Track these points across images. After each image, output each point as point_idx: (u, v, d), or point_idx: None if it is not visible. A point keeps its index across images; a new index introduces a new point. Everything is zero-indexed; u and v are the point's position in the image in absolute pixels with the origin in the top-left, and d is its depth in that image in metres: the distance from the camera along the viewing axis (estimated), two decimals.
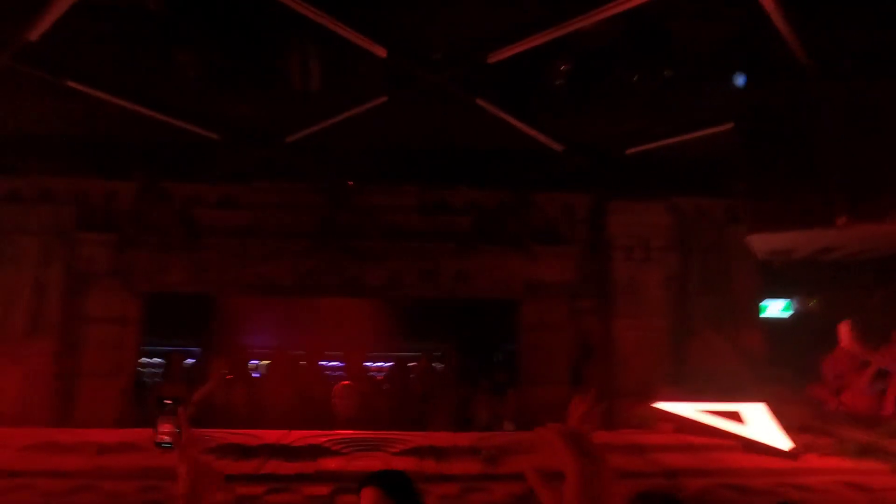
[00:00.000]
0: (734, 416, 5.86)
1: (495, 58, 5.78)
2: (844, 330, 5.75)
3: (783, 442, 5.45)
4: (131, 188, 7.38)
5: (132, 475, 4.67)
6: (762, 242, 6.30)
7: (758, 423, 5.69)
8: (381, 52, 5.74)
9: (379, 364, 9.34)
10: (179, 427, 2.20)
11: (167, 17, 5.40)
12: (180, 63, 5.91)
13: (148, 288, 7.35)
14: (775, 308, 7.96)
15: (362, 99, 6.46)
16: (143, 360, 8.46)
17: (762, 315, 7.79)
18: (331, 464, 5.22)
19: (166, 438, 2.26)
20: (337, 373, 8.23)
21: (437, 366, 8.47)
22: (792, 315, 7.89)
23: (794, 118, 5.55)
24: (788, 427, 5.58)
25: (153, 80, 6.22)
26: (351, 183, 7.53)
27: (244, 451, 5.19)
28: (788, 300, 7.87)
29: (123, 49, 5.78)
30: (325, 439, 5.58)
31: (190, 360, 7.93)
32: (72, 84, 6.10)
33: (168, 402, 2.31)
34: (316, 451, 5.39)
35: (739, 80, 5.54)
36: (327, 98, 6.41)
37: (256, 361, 8.45)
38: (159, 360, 8.71)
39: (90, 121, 6.68)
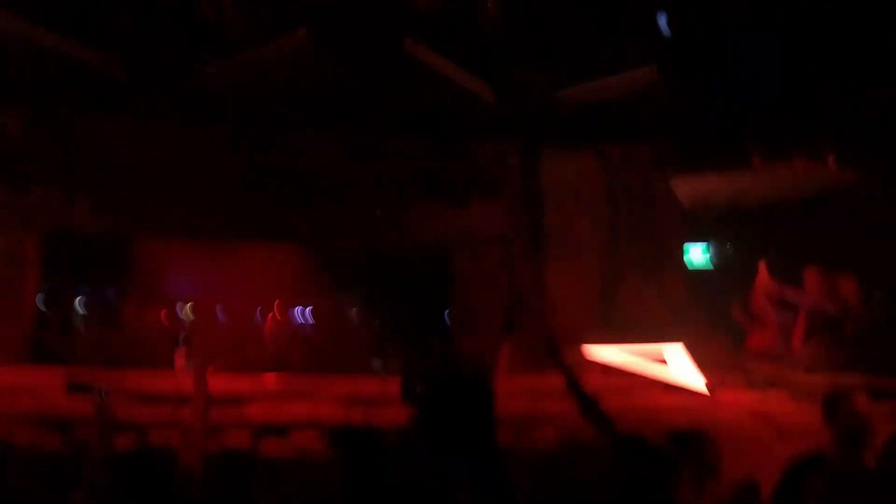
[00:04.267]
0: (655, 357, 6.02)
1: None
2: (761, 268, 5.94)
3: (699, 379, 5.63)
4: (22, 120, 6.78)
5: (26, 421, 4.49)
6: (685, 187, 6.40)
7: (677, 362, 5.85)
8: None
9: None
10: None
11: None
12: None
13: (49, 226, 6.91)
14: (696, 255, 8.15)
15: (282, 33, 6.17)
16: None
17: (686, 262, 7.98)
18: (254, 409, 5.16)
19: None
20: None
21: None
22: (711, 262, 8.10)
23: (713, 62, 5.60)
24: (704, 365, 5.77)
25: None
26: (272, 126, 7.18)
27: (160, 399, 5.06)
28: (706, 244, 8.05)
29: None
30: (250, 385, 5.51)
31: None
32: None
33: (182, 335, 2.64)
34: (241, 398, 5.30)
35: (661, 20, 5.53)
36: (245, 31, 6.10)
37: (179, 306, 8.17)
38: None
39: None
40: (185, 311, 8.13)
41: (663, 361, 6.00)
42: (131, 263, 7.37)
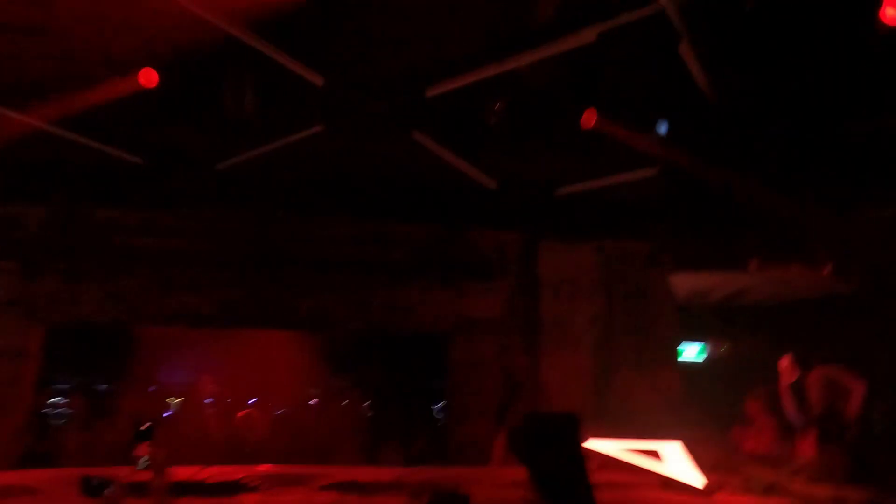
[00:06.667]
0: (652, 454, 5.97)
1: (432, 92, 5.86)
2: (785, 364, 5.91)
3: (697, 479, 5.58)
4: (39, 212, 6.98)
5: None
6: (681, 284, 6.52)
7: (674, 460, 5.81)
8: (318, 80, 5.74)
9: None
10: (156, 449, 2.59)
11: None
12: None
13: (56, 318, 6.93)
14: (690, 352, 8.24)
15: (297, 128, 6.40)
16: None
17: (679, 358, 8.05)
18: (249, 500, 5.01)
19: (144, 459, 2.70)
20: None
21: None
22: (706, 360, 8.18)
23: (712, 166, 5.84)
24: (702, 465, 5.73)
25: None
26: (280, 212, 7.37)
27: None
28: (702, 344, 8.17)
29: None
30: (242, 474, 5.36)
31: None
32: None
33: (145, 426, 2.72)
34: (232, 488, 5.16)
35: (662, 127, 5.79)
36: (261, 125, 6.32)
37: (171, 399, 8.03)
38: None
39: None
40: (174, 401, 7.95)
41: (659, 458, 5.98)
42: (131, 355, 7.30)
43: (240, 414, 6.52)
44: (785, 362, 5.51)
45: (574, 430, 1.96)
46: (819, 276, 5.95)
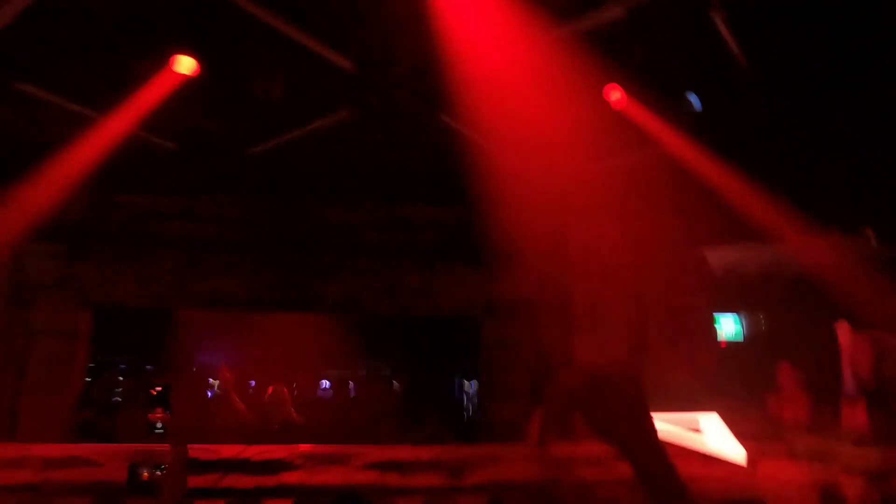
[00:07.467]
0: (690, 426, 5.95)
1: None
2: (785, 372, 5.87)
3: (738, 450, 5.56)
4: (82, 198, 7.15)
5: (82, 489, 4.46)
6: (716, 258, 6.45)
7: (713, 431, 5.79)
8: (347, 64, 5.76)
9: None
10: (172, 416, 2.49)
11: (125, 21, 5.30)
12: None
13: (97, 300, 7.13)
14: (727, 327, 8.15)
15: (325, 112, 6.45)
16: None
17: (717, 333, 7.99)
18: (291, 477, 5.11)
19: (158, 424, 2.59)
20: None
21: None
22: (744, 336, 8.08)
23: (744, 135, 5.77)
24: (742, 436, 5.70)
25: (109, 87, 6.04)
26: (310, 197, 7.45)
27: (201, 465, 5.02)
28: (738, 318, 8.06)
29: (76, 52, 5.62)
30: (284, 453, 5.46)
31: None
32: (21, 86, 5.89)
33: (158, 389, 2.58)
34: (276, 466, 5.27)
35: (693, 100, 5.71)
36: (290, 111, 6.37)
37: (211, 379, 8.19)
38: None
39: (38, 125, 6.42)
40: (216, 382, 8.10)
41: (698, 430, 5.96)
42: (170, 337, 7.49)
43: (269, 390, 6.63)
44: (844, 330, 5.39)
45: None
46: (861, 243, 5.83)
